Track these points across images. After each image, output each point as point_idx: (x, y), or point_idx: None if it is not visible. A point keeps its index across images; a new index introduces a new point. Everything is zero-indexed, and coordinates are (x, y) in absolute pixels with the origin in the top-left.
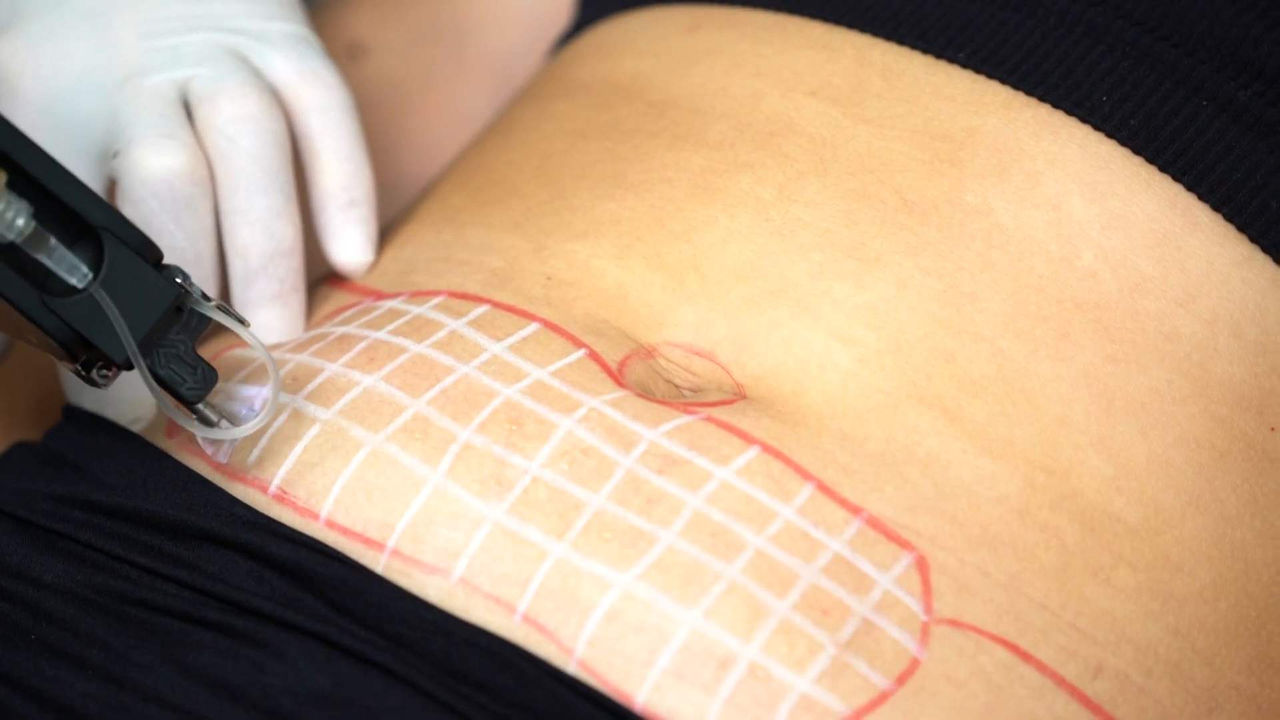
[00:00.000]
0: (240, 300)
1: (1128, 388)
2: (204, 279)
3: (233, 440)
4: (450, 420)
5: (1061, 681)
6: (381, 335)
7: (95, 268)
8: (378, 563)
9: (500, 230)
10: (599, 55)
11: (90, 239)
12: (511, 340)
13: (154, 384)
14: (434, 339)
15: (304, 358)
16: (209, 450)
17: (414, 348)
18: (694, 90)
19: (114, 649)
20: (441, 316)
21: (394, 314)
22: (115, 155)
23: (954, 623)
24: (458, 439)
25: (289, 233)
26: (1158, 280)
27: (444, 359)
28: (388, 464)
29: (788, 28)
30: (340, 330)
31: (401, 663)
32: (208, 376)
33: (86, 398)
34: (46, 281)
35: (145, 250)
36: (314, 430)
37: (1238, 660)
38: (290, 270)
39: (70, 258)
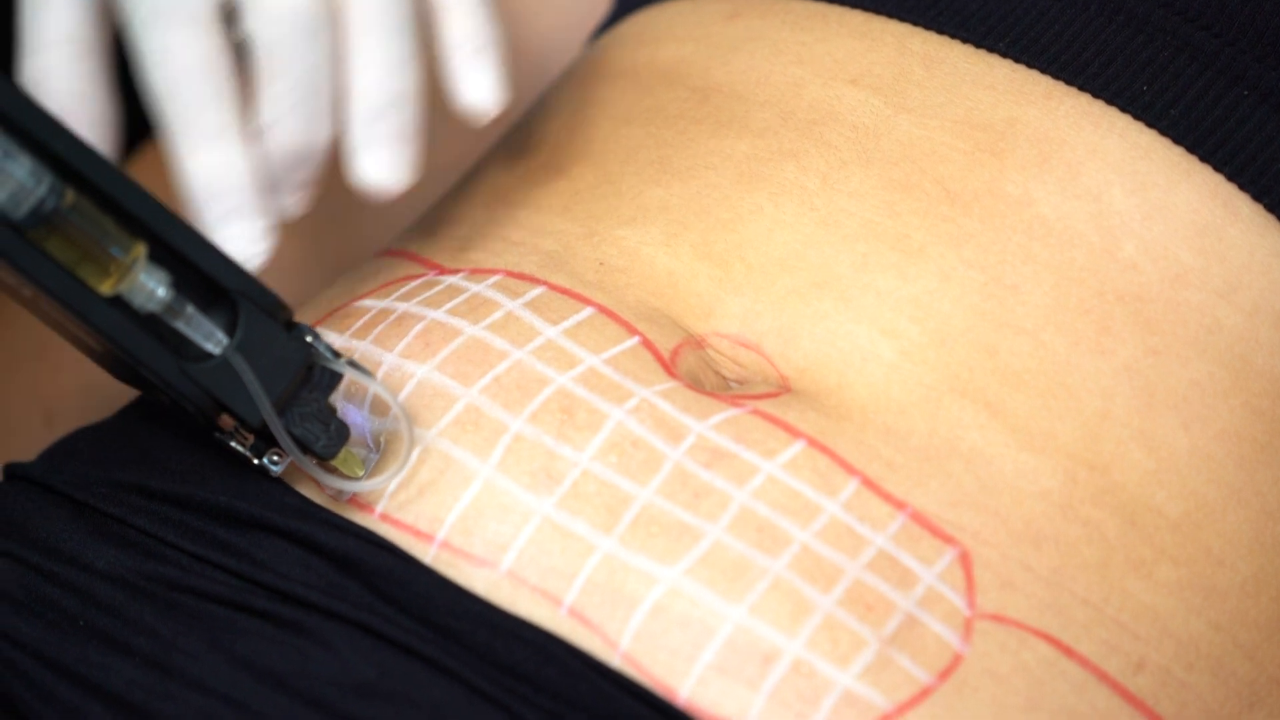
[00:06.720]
0: (356, 140)
1: (1169, 381)
2: (318, 112)
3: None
4: (502, 410)
5: (1104, 676)
6: (439, 315)
7: (228, 331)
8: (426, 554)
9: (550, 213)
10: (639, 41)
11: (223, 303)
12: (566, 325)
13: (290, 444)
14: (490, 320)
15: (365, 346)
16: (330, 490)
17: (469, 330)
18: (736, 77)
19: (161, 636)
20: (499, 296)
21: (453, 291)
22: None
23: (997, 618)
24: (509, 429)
25: (413, 79)
26: (1198, 271)
27: (499, 343)
28: (440, 459)
29: (828, 15)
30: (402, 307)
31: (446, 654)
32: (340, 432)
33: None
34: (181, 347)
35: (276, 312)
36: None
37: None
38: (410, 117)
39: (207, 324)
